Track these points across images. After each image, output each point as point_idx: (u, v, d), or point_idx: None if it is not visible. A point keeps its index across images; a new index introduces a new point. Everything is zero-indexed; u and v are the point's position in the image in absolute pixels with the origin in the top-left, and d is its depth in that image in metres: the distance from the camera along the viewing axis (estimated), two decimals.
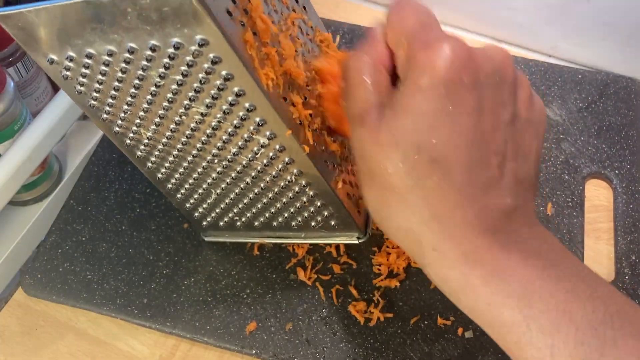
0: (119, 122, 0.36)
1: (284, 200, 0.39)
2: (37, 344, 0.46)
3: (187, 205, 0.43)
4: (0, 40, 0.47)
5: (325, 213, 0.39)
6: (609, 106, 0.55)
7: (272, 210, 0.41)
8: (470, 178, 0.28)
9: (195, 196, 0.41)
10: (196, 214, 0.44)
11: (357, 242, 0.42)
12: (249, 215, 0.42)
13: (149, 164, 0.39)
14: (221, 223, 0.44)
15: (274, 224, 0.42)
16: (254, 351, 0.43)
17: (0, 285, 0.50)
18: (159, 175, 0.40)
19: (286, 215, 0.41)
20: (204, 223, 0.45)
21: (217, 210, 0.43)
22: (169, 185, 0.41)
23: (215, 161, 0.37)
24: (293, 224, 0.41)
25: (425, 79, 0.27)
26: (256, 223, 0.43)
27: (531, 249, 0.28)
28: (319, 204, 0.39)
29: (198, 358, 0.45)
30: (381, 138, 0.28)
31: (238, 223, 0.43)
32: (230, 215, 0.43)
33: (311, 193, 0.38)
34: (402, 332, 0.44)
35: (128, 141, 0.38)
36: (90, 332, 0.46)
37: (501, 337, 0.28)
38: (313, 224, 0.41)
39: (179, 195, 0.42)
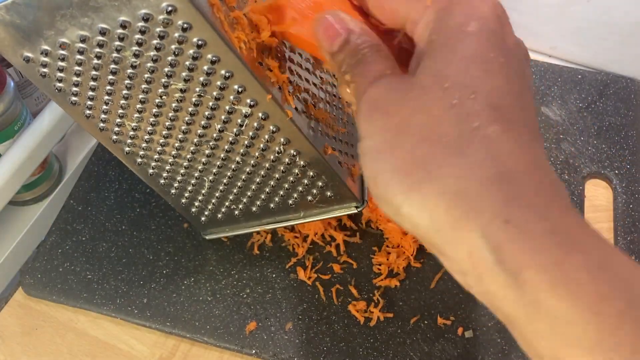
0: (102, 115, 0.36)
1: (277, 175, 0.39)
2: (37, 344, 0.46)
3: (183, 200, 0.43)
4: None
5: (320, 184, 0.39)
6: (608, 106, 0.55)
7: (267, 190, 0.40)
8: (534, 135, 0.23)
9: (189, 188, 0.41)
10: (193, 210, 0.44)
11: (356, 211, 0.41)
12: (245, 200, 0.42)
13: (139, 160, 0.39)
14: (219, 215, 0.44)
15: (272, 205, 0.42)
16: (253, 351, 0.43)
17: (0, 285, 0.50)
18: (150, 171, 0.40)
19: (282, 193, 0.41)
20: (203, 219, 0.45)
21: (214, 201, 0.43)
22: (162, 181, 0.41)
23: (203, 143, 0.37)
24: (290, 202, 0.41)
25: (474, 25, 0.24)
26: (254, 208, 0.42)
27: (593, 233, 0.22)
28: (311, 174, 0.39)
29: (198, 358, 0.45)
30: (420, 81, 0.24)
31: (236, 212, 0.43)
32: (227, 204, 0.43)
33: (302, 163, 0.38)
34: (402, 332, 0.44)
35: (114, 136, 0.38)
36: (90, 332, 0.46)
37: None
38: (309, 198, 0.41)
39: (173, 191, 0.42)
